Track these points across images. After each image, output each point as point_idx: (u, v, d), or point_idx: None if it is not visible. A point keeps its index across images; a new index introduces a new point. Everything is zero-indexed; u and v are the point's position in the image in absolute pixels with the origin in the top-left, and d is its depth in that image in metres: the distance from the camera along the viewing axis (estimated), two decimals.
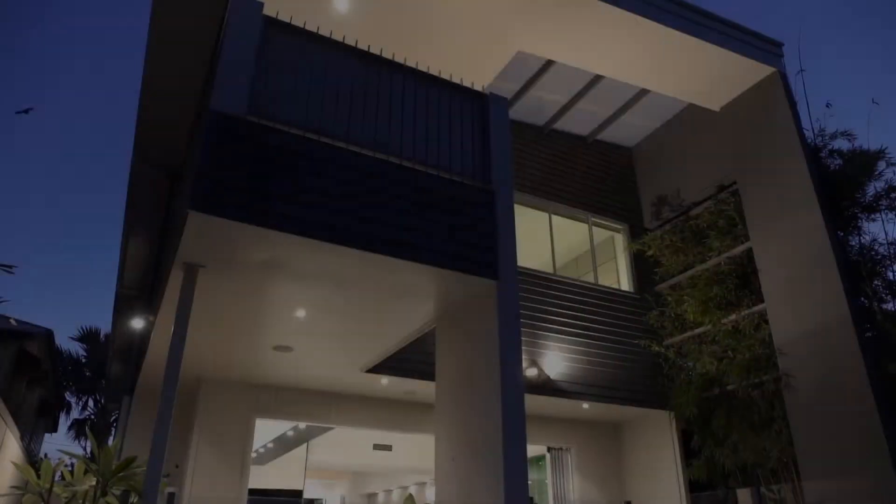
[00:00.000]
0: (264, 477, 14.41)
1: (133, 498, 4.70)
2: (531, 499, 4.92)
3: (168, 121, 7.78)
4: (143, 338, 8.84)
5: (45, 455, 5.55)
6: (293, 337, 6.92)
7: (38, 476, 5.10)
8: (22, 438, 11.66)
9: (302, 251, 4.98)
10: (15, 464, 5.53)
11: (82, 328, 23.94)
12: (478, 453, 5.12)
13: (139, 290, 11.22)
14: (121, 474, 4.75)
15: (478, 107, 6.11)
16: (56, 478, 5.13)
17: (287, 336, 6.90)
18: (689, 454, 9.89)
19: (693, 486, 9.86)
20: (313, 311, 6.21)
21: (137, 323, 8.73)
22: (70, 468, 5.38)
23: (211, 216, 4.51)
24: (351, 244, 4.89)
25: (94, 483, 4.84)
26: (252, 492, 8.73)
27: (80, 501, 4.87)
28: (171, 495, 4.69)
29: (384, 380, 8.34)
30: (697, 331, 9.83)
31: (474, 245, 5.47)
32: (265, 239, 4.79)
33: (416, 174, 5.43)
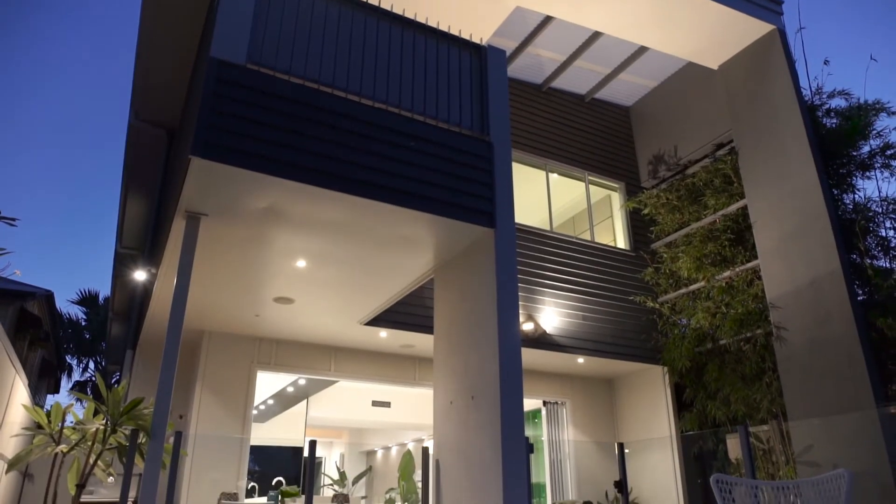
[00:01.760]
0: (265, 434, 14.68)
1: (141, 437, 4.84)
2: (527, 439, 5.09)
3: (165, 77, 7.78)
4: (145, 293, 8.96)
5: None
6: (293, 288, 7.03)
7: (49, 419, 5.25)
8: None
9: (302, 199, 5.06)
10: (25, 406, 5.66)
11: (81, 291, 24.12)
12: (476, 398, 5.27)
13: (139, 248, 11.30)
14: (129, 413, 4.89)
15: (476, 59, 6.14)
16: (66, 421, 5.27)
17: (287, 287, 7.01)
18: (681, 407, 10.15)
19: (685, 439, 10.13)
20: (313, 261, 6.31)
21: (139, 275, 8.83)
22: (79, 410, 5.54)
23: (212, 162, 4.57)
24: (350, 191, 4.97)
25: (103, 423, 4.98)
26: (253, 449, 8.94)
27: (90, 441, 5.01)
28: (179, 434, 4.83)
29: (383, 333, 8.48)
30: (692, 287, 10.00)
31: (472, 194, 5.55)
32: (265, 186, 4.85)
33: (414, 124, 5.49)
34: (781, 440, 8.42)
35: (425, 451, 5.75)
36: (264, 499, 8.12)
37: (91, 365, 24.13)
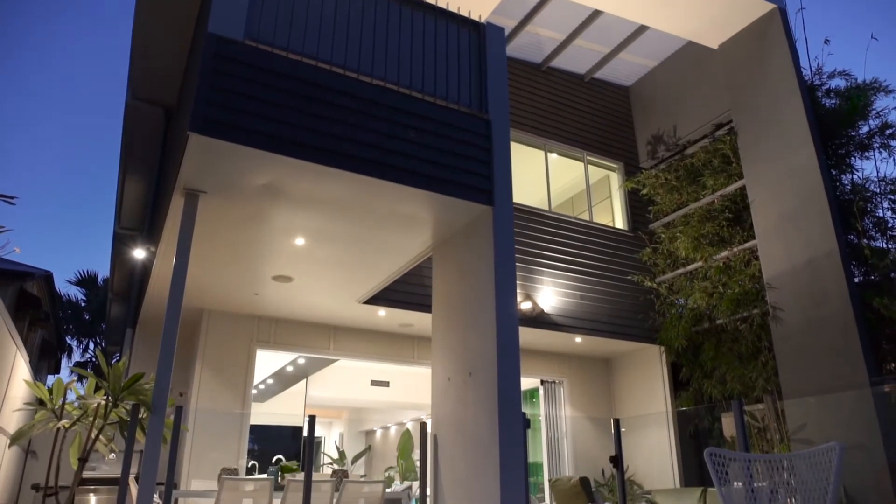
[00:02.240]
0: (265, 413, 14.80)
1: (142, 412, 4.89)
2: (523, 415, 5.15)
3: (163, 55, 7.74)
4: (144, 272, 8.98)
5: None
6: (292, 266, 7.06)
7: (50, 395, 5.29)
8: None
9: (300, 175, 5.07)
10: (27, 381, 5.71)
11: (80, 272, 24.13)
12: (474, 375, 5.32)
13: (138, 229, 11.30)
14: (130, 388, 4.94)
15: (475, 37, 6.12)
16: (68, 397, 5.31)
17: (287, 266, 7.04)
18: (677, 386, 10.24)
19: (680, 417, 10.24)
20: (312, 239, 6.33)
21: (139, 254, 8.85)
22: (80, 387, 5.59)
23: (210, 138, 4.58)
24: (348, 168, 4.99)
25: (104, 398, 5.03)
26: (253, 429, 9.00)
27: (92, 417, 5.06)
28: (179, 409, 4.88)
29: (381, 311, 8.53)
30: (689, 267, 10.04)
31: (470, 171, 5.57)
32: (264, 163, 4.86)
33: (413, 101, 5.49)
34: (776, 418, 8.51)
35: (423, 426, 5.81)
36: (265, 475, 8.21)
37: (91, 346, 24.21)
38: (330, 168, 4.93)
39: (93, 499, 7.32)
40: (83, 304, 24.25)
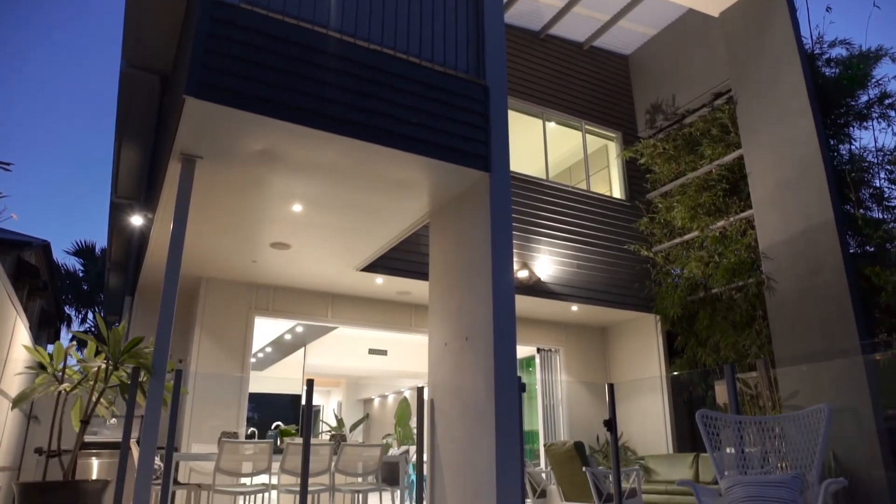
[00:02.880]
0: (263, 382, 14.95)
1: (143, 376, 4.94)
2: (519, 378, 5.22)
3: (157, 21, 7.64)
4: (142, 240, 9.00)
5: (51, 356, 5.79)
6: (290, 233, 7.08)
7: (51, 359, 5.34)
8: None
9: (296, 141, 5.06)
10: (27, 346, 5.75)
11: (77, 243, 24.10)
12: (470, 339, 5.38)
13: (134, 198, 11.28)
14: (130, 352, 4.99)
15: (472, 2, 6.07)
16: (68, 362, 5.37)
17: (284, 233, 7.05)
18: (672, 355, 10.35)
19: (674, 385, 10.37)
20: (309, 205, 6.33)
21: (136, 221, 8.85)
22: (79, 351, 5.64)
23: (206, 102, 4.56)
24: (345, 133, 4.98)
25: (104, 362, 5.08)
26: (252, 397, 9.08)
27: (92, 381, 5.12)
28: (179, 372, 4.94)
29: (379, 279, 8.57)
30: (686, 237, 10.08)
31: (467, 138, 5.56)
32: (260, 127, 4.85)
33: (410, 66, 5.47)
34: (769, 386, 8.62)
35: (420, 390, 5.89)
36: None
37: (90, 316, 24.30)
38: (326, 133, 4.92)
39: (95, 462, 7.43)
40: (81, 275, 24.27)
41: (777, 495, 3.64)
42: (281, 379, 14.34)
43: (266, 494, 6.81)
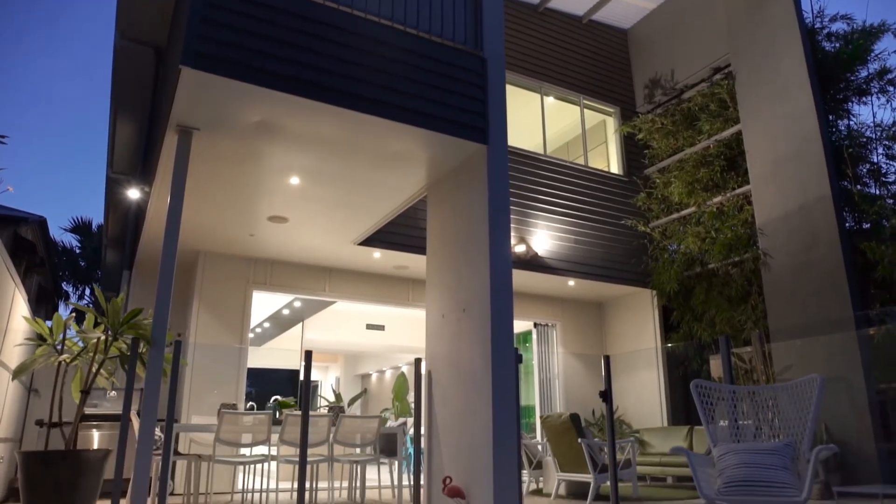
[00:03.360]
0: (262, 357, 15.04)
1: (142, 347, 4.97)
2: (516, 349, 5.27)
3: None
4: (139, 214, 8.99)
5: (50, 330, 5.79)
6: (287, 207, 7.07)
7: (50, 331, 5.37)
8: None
9: (294, 112, 5.04)
10: (26, 318, 5.78)
11: (74, 219, 24.03)
12: (467, 311, 5.41)
13: (130, 173, 11.23)
14: (129, 323, 5.02)
15: None
16: (67, 334, 5.39)
17: (281, 206, 7.05)
18: (668, 329, 10.43)
19: (670, 360, 10.46)
20: (307, 178, 6.33)
21: (133, 194, 8.83)
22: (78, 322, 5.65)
23: (202, 73, 4.53)
24: (342, 105, 4.96)
25: (103, 333, 5.10)
26: (251, 372, 9.12)
27: (92, 352, 5.15)
28: (178, 343, 4.97)
29: (376, 253, 8.59)
30: (683, 212, 10.10)
31: (465, 110, 5.54)
32: (257, 98, 4.83)
33: (408, 37, 5.43)
34: (763, 360, 8.70)
35: (418, 361, 5.94)
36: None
37: (87, 292, 24.31)
38: (323, 104, 4.90)
39: (95, 434, 7.50)
40: (78, 251, 24.23)
41: (769, 461, 3.70)
42: (281, 350, 14.43)
43: (266, 465, 6.90)
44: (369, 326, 13.27)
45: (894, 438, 7.36)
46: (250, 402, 9.67)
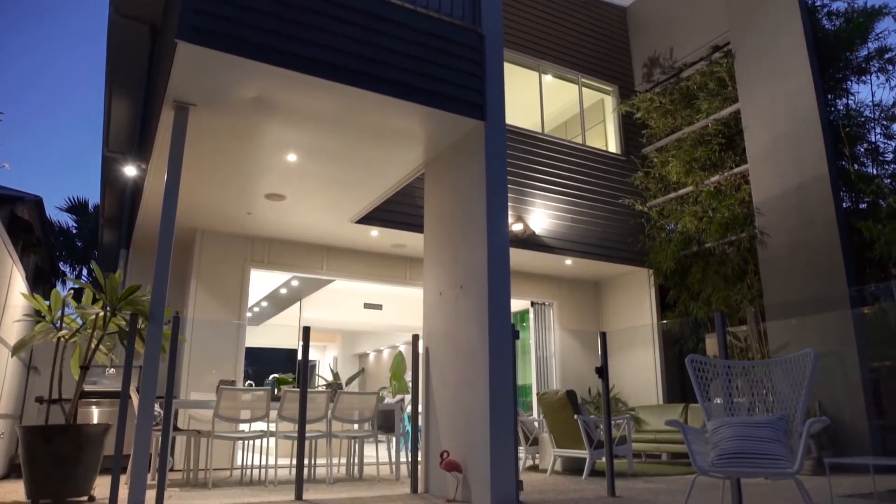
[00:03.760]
0: (260, 336, 15.11)
1: (141, 323, 4.99)
2: (513, 325, 5.30)
3: None
4: (136, 192, 8.96)
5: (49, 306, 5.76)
6: (285, 184, 7.06)
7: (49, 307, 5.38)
8: None
9: (291, 88, 5.01)
10: (24, 294, 5.79)
11: (70, 199, 23.93)
12: (465, 288, 5.43)
13: (126, 151, 11.18)
14: (127, 299, 5.03)
15: None
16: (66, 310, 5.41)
17: (279, 183, 7.04)
18: (664, 308, 10.48)
19: (665, 339, 10.53)
20: (304, 155, 6.31)
21: (129, 171, 8.80)
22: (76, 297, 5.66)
23: (199, 47, 4.50)
24: (339, 80, 4.94)
25: (102, 310, 5.12)
26: (249, 352, 9.15)
27: (91, 328, 5.17)
28: (177, 318, 4.99)
29: (374, 231, 8.59)
30: (681, 192, 10.11)
31: (463, 86, 5.52)
32: (254, 73, 4.80)
33: (405, 12, 5.39)
34: (758, 339, 8.77)
35: (415, 338, 5.97)
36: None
37: (84, 272, 24.29)
38: (320, 80, 4.88)
39: (95, 411, 7.55)
40: (74, 231, 24.18)
41: (762, 434, 3.75)
42: (279, 327, 14.48)
43: (264, 441, 6.96)
44: (367, 306, 13.32)
45: (886, 415, 7.44)
46: (248, 381, 9.73)
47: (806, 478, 6.74)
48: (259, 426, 6.65)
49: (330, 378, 13.00)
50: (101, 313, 5.11)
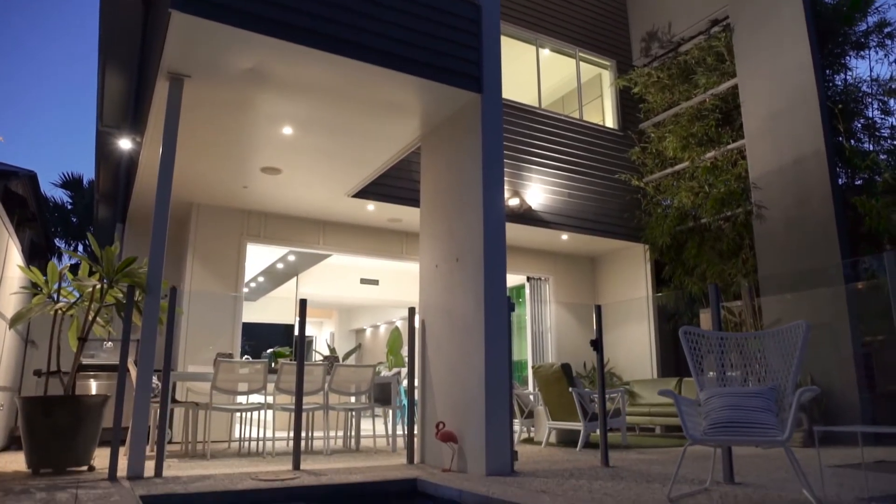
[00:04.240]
0: (256, 312, 15.15)
1: (138, 295, 5.00)
2: (508, 298, 5.33)
3: None
4: (131, 166, 8.92)
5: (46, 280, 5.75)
6: (281, 157, 7.04)
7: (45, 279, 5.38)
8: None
9: (286, 59, 4.98)
10: (21, 266, 5.79)
11: (64, 174, 23.80)
12: (461, 260, 5.45)
13: (120, 126, 11.10)
14: (124, 271, 5.04)
15: None
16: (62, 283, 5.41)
17: (275, 157, 7.01)
18: (659, 284, 10.54)
19: (660, 314, 10.60)
20: (300, 128, 6.28)
21: (124, 144, 8.75)
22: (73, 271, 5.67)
23: (193, 17, 4.46)
24: (335, 51, 4.91)
25: (99, 281, 5.13)
26: (246, 327, 9.19)
27: (87, 301, 5.19)
28: (174, 290, 5.00)
29: (370, 206, 8.58)
30: (677, 167, 10.10)
31: (459, 58, 5.49)
32: (249, 44, 4.77)
33: None
34: (752, 314, 8.83)
35: (411, 311, 6.00)
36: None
37: (80, 248, 24.25)
38: (316, 51, 4.85)
39: (93, 384, 7.59)
40: (69, 207, 24.08)
41: (753, 404, 3.80)
42: (276, 300, 14.51)
43: (262, 413, 7.02)
44: (363, 281, 13.35)
45: (877, 388, 7.54)
46: (246, 356, 9.77)
47: (797, 449, 6.84)
48: (256, 399, 6.71)
49: (327, 353, 13.10)
50: (98, 285, 5.12)
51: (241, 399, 6.79)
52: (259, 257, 11.44)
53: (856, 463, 5.29)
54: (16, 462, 5.55)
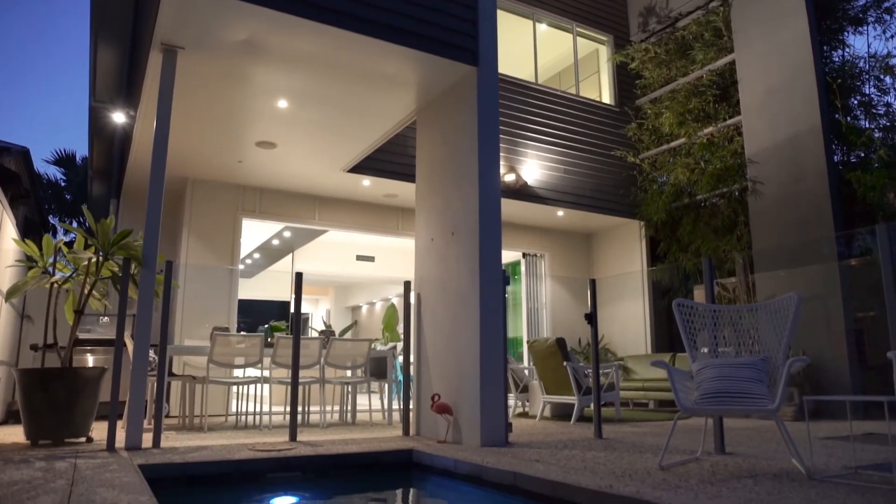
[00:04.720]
0: (252, 289, 15.17)
1: (134, 268, 5.00)
2: (504, 271, 5.35)
3: None
4: (125, 140, 8.86)
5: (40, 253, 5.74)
6: (275, 131, 7.00)
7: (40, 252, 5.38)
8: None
9: (280, 30, 4.93)
10: (16, 240, 5.77)
11: (57, 151, 23.62)
12: (456, 234, 5.46)
13: (113, 101, 10.99)
14: (119, 244, 5.04)
15: None
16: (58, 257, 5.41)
17: (269, 131, 6.98)
18: (654, 260, 10.58)
19: (654, 290, 10.65)
20: (295, 101, 6.24)
21: (118, 118, 8.68)
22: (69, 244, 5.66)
23: None
24: (329, 22, 4.86)
25: (94, 254, 5.13)
26: (242, 304, 9.19)
27: (83, 274, 5.18)
28: (170, 263, 5.01)
29: (366, 181, 8.57)
30: (673, 144, 10.09)
31: (455, 30, 5.45)
32: (243, 15, 4.72)
33: None
34: (746, 290, 8.89)
35: (407, 285, 6.02)
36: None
37: (75, 226, 24.15)
38: (311, 22, 4.81)
39: (90, 358, 7.62)
40: (63, 185, 23.95)
41: (744, 374, 3.85)
42: (273, 273, 14.52)
43: (259, 387, 7.07)
44: (359, 258, 13.37)
45: (868, 363, 7.62)
46: (242, 333, 9.79)
47: (787, 423, 6.93)
48: (253, 373, 6.75)
49: (322, 329, 13.15)
50: (94, 258, 5.12)
51: (238, 373, 6.83)
52: (255, 233, 11.43)
53: (845, 435, 5.37)
54: (14, 434, 5.59)
